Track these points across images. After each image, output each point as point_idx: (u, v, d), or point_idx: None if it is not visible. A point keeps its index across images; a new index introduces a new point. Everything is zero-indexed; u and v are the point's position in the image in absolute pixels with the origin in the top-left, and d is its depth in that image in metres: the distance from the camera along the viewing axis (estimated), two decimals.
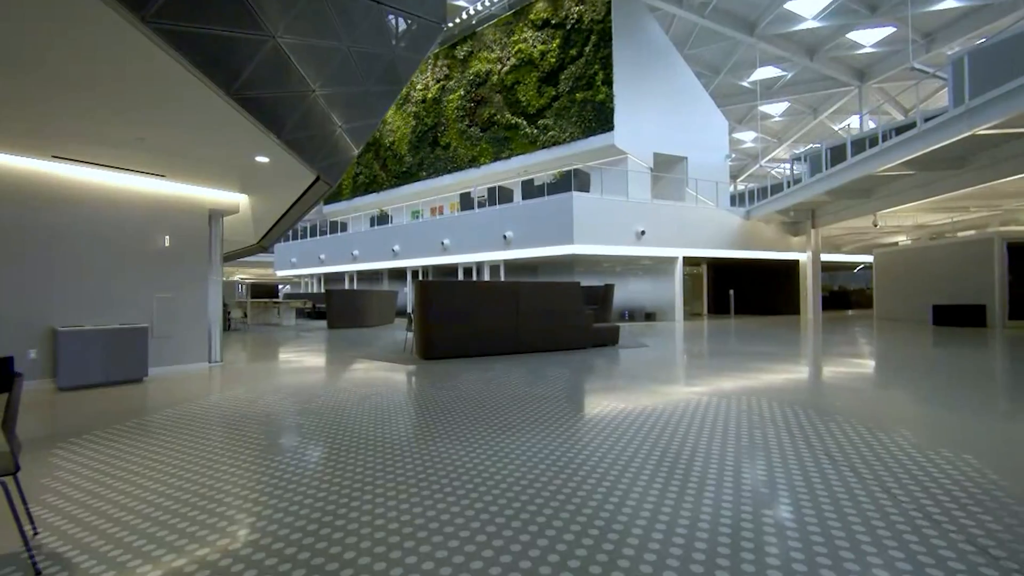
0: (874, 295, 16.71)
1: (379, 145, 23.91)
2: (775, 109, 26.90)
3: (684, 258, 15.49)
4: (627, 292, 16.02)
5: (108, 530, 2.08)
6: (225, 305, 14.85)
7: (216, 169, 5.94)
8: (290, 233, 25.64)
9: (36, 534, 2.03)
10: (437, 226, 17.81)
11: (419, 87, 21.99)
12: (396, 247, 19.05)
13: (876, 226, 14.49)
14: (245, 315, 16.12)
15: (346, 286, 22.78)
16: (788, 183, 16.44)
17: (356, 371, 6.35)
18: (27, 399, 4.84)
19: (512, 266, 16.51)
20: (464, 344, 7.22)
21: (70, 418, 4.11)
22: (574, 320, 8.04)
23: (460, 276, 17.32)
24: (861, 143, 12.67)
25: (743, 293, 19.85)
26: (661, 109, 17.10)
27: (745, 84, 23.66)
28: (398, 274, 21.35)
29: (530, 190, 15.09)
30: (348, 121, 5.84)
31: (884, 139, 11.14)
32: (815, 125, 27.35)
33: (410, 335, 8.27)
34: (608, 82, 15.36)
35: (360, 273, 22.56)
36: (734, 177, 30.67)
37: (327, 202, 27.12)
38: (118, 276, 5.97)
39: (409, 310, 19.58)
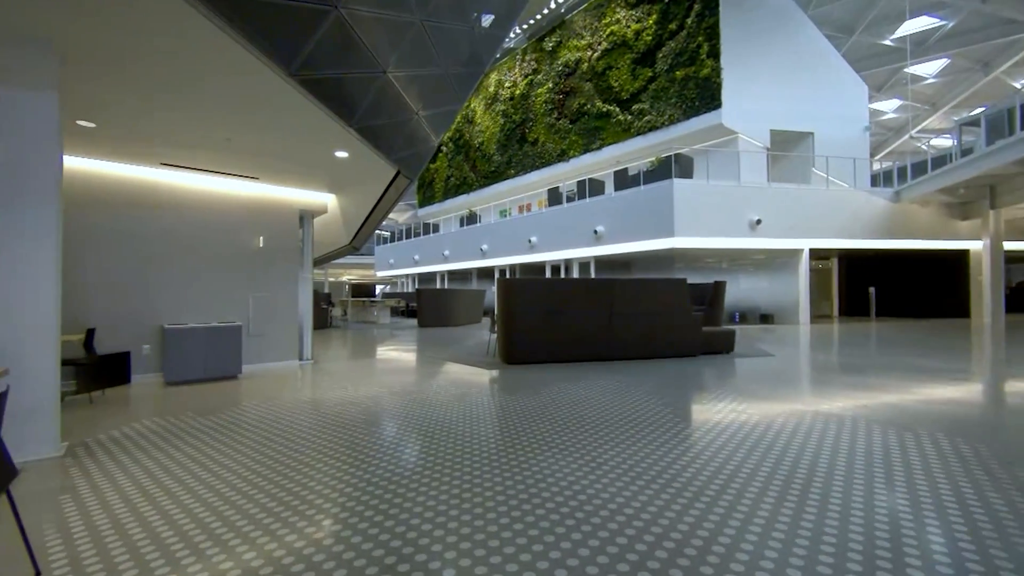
0: None
1: (469, 146, 24.20)
2: (928, 69, 22.19)
3: (811, 250, 13.19)
4: (737, 290, 14.11)
5: (187, 528, 2.11)
6: (330, 304, 15.83)
7: (302, 168, 5.91)
8: (389, 236, 27.09)
9: (37, 574, 1.73)
10: (524, 223, 17.34)
11: (507, 85, 21.78)
12: (484, 246, 18.97)
13: None
14: (345, 313, 17.06)
15: (437, 286, 23.36)
16: (952, 155, 13.21)
17: (437, 374, 5.97)
18: (137, 392, 5.11)
19: (603, 263, 15.45)
20: (550, 348, 6.51)
21: (165, 413, 4.16)
22: (679, 323, 6.91)
23: (548, 274, 16.65)
24: None
25: (887, 291, 16.54)
26: (780, 79, 14.81)
27: (888, 42, 19.82)
28: (486, 273, 21.34)
29: (624, 180, 13.92)
30: (425, 107, 5.45)
31: None
32: (986, 84, 22.09)
33: (494, 337, 7.78)
34: (714, 54, 13.61)
35: (451, 273, 22.99)
36: (873, 154, 26.05)
37: (421, 205, 28.23)
38: (218, 276, 6.23)
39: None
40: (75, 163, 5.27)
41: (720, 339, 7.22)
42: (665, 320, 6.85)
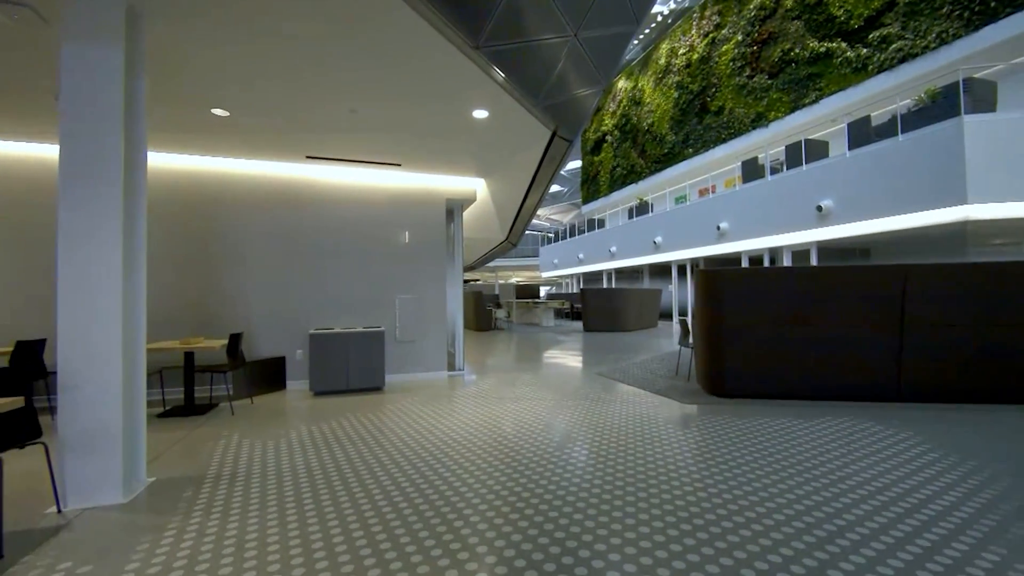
0: None
1: (636, 130, 21.78)
2: None
3: None
4: None
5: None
6: (497, 305, 15.54)
7: (441, 144, 4.90)
8: (552, 236, 26.42)
9: None
10: (710, 207, 14.29)
11: (681, 52, 18.77)
12: (657, 239, 16.46)
13: None
14: (509, 315, 16.60)
15: (604, 285, 21.56)
16: None
17: (609, 401, 4.28)
18: (285, 402, 4.70)
19: (829, 250, 11.57)
20: (788, 376, 4.19)
21: (292, 435, 3.46)
22: None
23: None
24: None
25: None
26: None
27: None
28: (660, 270, 18.66)
29: (864, 134, 9.99)
30: (585, 25, 3.83)
31: None
32: None
33: (686, 351, 5.73)
34: None
35: (618, 271, 20.92)
36: None
37: (585, 201, 26.78)
38: (363, 276, 5.69)
39: (677, 315, 16.56)
40: (226, 164, 5.21)
41: None
42: (1020, 336, 3.82)
